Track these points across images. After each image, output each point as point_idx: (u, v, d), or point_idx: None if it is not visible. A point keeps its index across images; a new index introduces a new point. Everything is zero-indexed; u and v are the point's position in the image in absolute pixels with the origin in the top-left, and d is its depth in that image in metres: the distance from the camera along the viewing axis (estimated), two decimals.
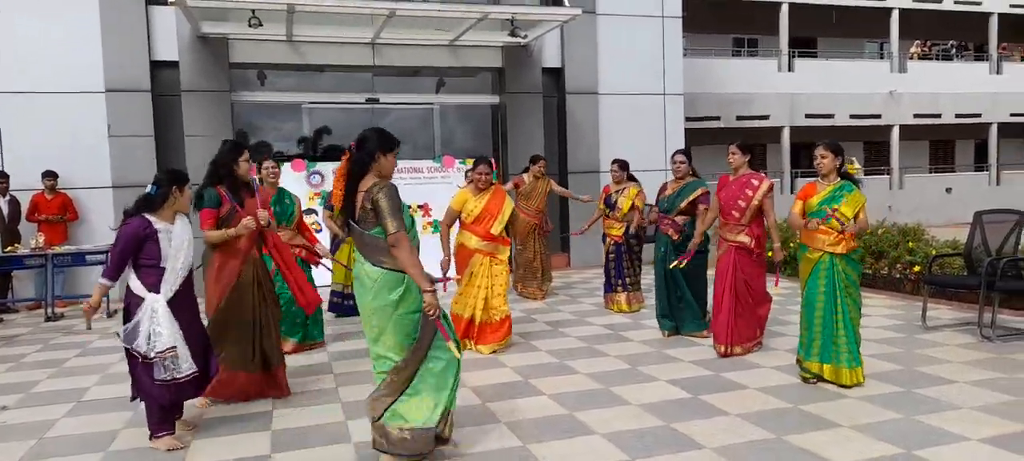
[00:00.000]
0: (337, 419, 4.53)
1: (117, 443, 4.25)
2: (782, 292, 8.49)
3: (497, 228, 6.12)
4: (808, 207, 4.96)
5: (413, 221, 3.77)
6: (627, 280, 7.88)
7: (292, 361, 5.97)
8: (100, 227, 9.91)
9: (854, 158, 22.10)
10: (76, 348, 6.92)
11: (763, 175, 5.81)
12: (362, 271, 3.65)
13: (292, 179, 10.20)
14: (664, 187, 6.77)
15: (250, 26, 9.25)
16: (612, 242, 7.88)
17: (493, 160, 11.19)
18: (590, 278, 10.53)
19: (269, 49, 10.55)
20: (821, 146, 4.97)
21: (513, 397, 4.88)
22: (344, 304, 8.03)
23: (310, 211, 10.03)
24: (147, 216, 4.00)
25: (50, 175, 9.47)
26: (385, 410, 3.64)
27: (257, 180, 5.71)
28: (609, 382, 5.16)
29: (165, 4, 9.75)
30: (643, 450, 3.86)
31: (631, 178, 8.06)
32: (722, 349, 5.74)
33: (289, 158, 10.89)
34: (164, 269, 3.99)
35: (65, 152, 9.76)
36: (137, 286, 3.97)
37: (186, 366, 4.01)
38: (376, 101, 11.55)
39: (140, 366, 4.00)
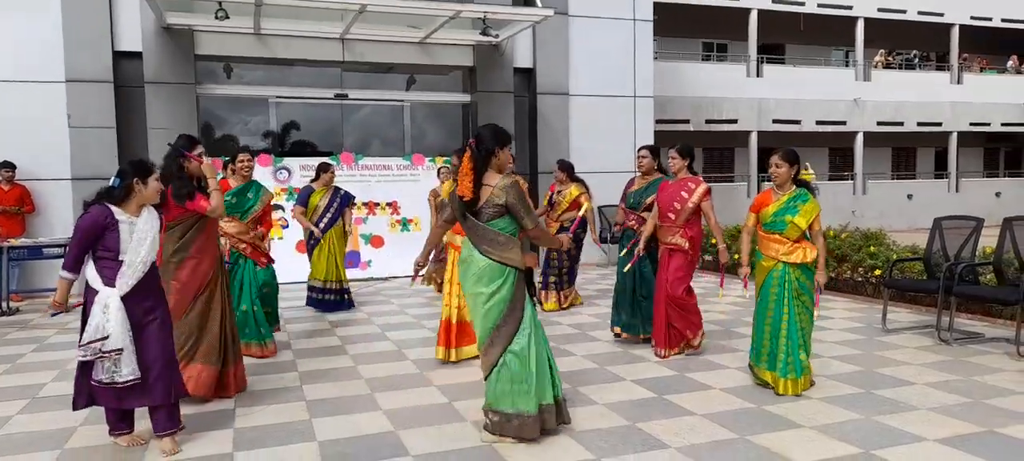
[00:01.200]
0: (301, 417, 4.47)
1: (73, 441, 4.14)
2: (747, 295, 8.61)
3: None
4: (763, 217, 4.92)
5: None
6: (550, 279, 8.00)
7: (248, 359, 5.90)
8: (59, 220, 9.69)
9: (808, 163, 22.47)
10: (32, 343, 6.74)
11: (700, 179, 5.82)
12: (470, 257, 3.94)
13: (258, 174, 10.02)
14: (631, 183, 6.73)
15: (217, 18, 9.10)
16: None
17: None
18: None
19: (236, 42, 10.40)
20: (776, 155, 4.87)
21: (481, 397, 4.86)
22: (323, 299, 8.00)
23: (277, 207, 9.90)
24: (109, 205, 3.84)
25: (7, 166, 9.22)
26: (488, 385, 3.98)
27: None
28: (576, 382, 5.17)
29: None
30: (608, 449, 3.87)
31: (575, 179, 8.10)
32: (661, 353, 5.76)
33: (255, 153, 10.70)
34: (122, 262, 3.82)
35: (23, 143, 9.51)
36: (93, 278, 3.78)
37: (127, 371, 3.74)
38: (345, 97, 11.45)
39: (80, 364, 3.81)
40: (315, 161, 10.23)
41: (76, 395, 3.90)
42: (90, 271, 3.79)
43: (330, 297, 8.04)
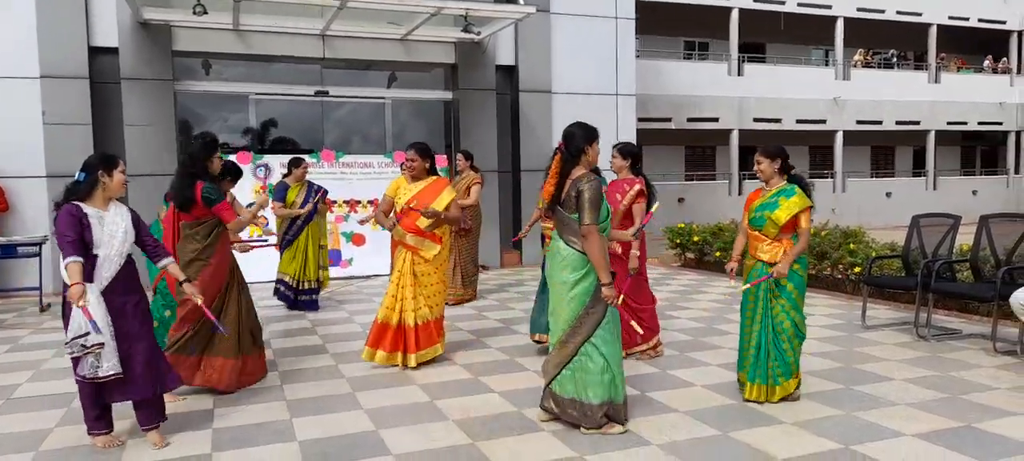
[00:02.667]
0: (281, 417, 4.43)
1: (49, 442, 4.06)
2: (736, 289, 8.67)
3: (424, 222, 5.37)
4: (749, 214, 4.72)
5: (608, 213, 4.11)
6: None
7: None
8: (33, 218, 9.54)
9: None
10: (6, 343, 6.63)
11: (637, 180, 5.48)
12: (557, 247, 4.09)
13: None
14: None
15: (195, 14, 8.98)
16: None
17: (444, 156, 11.18)
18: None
19: (215, 38, 10.27)
20: (758, 152, 4.67)
21: (462, 394, 4.84)
22: (297, 299, 7.91)
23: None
24: (77, 203, 3.78)
25: None
26: (553, 378, 4.11)
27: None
28: None
29: None
30: (591, 447, 3.86)
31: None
32: None
33: (235, 150, 10.63)
34: (96, 256, 3.75)
35: None
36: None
37: (107, 365, 3.71)
38: (326, 94, 11.36)
39: (71, 360, 3.78)
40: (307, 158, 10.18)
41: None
42: (64, 269, 3.71)
43: (305, 298, 7.95)
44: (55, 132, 9.54)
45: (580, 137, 4.10)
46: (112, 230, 3.81)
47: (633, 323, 4.98)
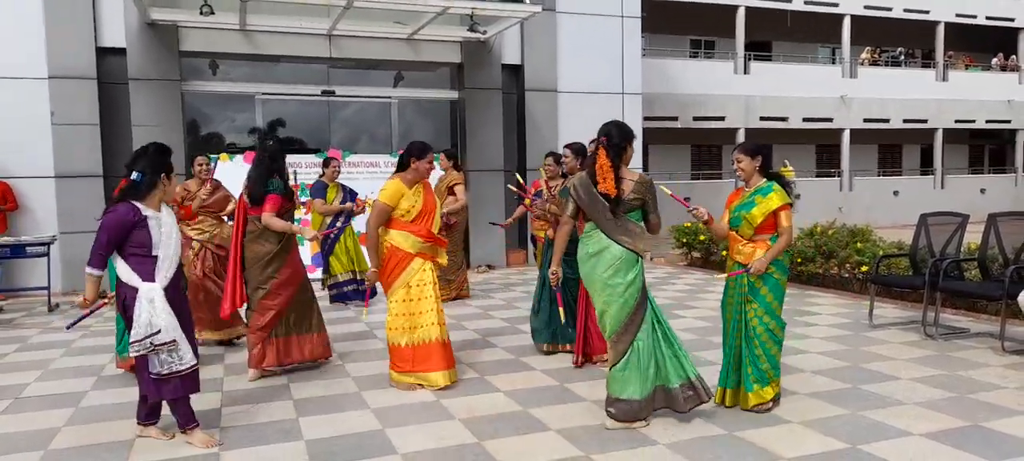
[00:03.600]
0: (289, 416, 4.44)
1: (57, 441, 4.09)
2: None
3: (437, 226, 5.12)
4: (730, 213, 4.53)
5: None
6: None
7: (238, 358, 5.85)
8: (41, 218, 9.58)
9: (787, 160, 22.58)
10: (15, 343, 6.67)
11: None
12: (605, 250, 4.07)
13: (245, 171, 9.99)
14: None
15: (202, 14, 9.02)
16: None
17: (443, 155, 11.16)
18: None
19: (222, 38, 10.31)
20: (737, 150, 4.48)
21: (468, 394, 4.85)
22: (344, 292, 8.23)
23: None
24: (135, 203, 3.80)
25: None
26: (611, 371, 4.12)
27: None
28: (563, 379, 5.17)
29: None
30: (598, 447, 3.86)
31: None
32: (576, 359, 5.48)
33: (242, 150, 10.66)
34: (156, 257, 3.78)
35: (5, 140, 9.40)
36: (128, 275, 3.75)
37: (189, 358, 3.87)
38: (332, 93, 11.38)
39: (138, 359, 3.84)
40: (302, 158, 10.21)
41: (145, 390, 3.94)
42: (122, 268, 3.77)
43: (349, 288, 8.25)
44: (63, 132, 9.59)
45: (618, 135, 4.16)
46: (168, 231, 3.86)
47: None
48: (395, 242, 4.88)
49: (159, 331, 3.72)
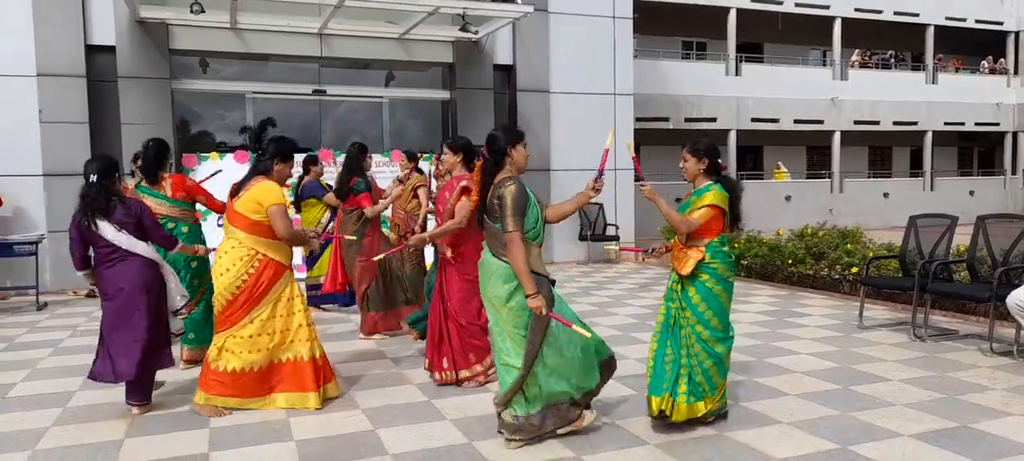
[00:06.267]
0: (279, 416, 4.42)
1: (45, 441, 4.05)
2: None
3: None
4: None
5: (537, 219, 3.85)
6: None
7: None
8: (30, 217, 9.50)
9: (780, 162, 22.68)
10: (1, 342, 6.61)
11: (465, 176, 5.02)
12: (486, 260, 3.89)
13: (236, 170, 9.94)
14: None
15: (192, 12, 8.98)
16: None
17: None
18: None
19: (212, 36, 10.26)
20: (685, 147, 4.19)
21: (459, 394, 4.83)
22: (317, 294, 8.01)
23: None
24: None
25: None
26: (505, 407, 3.84)
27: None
28: None
29: None
30: (589, 448, 3.86)
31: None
32: (435, 376, 5.04)
33: (232, 149, 10.62)
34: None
35: None
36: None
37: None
38: (323, 93, 11.35)
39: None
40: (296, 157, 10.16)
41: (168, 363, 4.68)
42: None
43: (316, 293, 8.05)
44: (52, 130, 9.51)
45: (502, 139, 3.85)
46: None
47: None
48: (271, 253, 4.41)
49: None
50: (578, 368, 3.87)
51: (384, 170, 10.87)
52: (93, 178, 4.35)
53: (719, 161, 4.17)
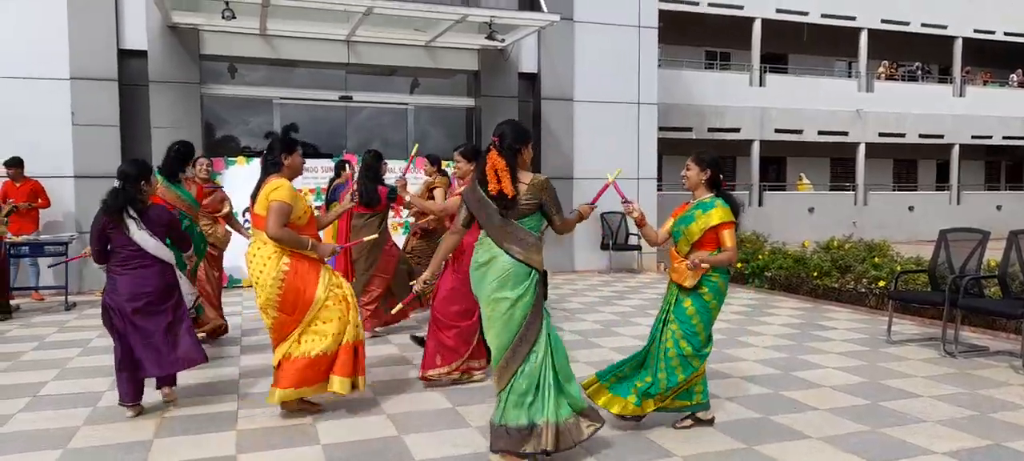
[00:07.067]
0: (304, 420, 4.44)
1: (76, 440, 4.11)
2: (749, 302, 8.60)
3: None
4: (673, 228, 4.29)
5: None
6: None
7: (253, 360, 5.88)
8: (61, 217, 9.66)
9: (802, 174, 22.48)
10: (32, 341, 6.72)
11: (447, 177, 5.29)
12: (494, 260, 3.69)
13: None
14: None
15: (223, 18, 9.10)
16: None
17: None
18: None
19: (241, 42, 10.39)
20: (690, 158, 4.24)
21: (484, 402, 4.84)
22: None
23: None
24: None
25: (15, 163, 9.07)
26: (498, 405, 3.72)
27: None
28: None
29: None
30: (616, 457, 3.84)
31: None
32: (420, 374, 5.24)
33: (258, 154, 10.71)
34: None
35: (26, 140, 9.45)
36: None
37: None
38: (350, 99, 11.44)
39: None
40: (318, 163, 10.26)
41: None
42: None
43: None
44: (84, 133, 9.68)
45: (512, 136, 3.78)
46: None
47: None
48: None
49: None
50: (568, 370, 3.78)
51: (408, 177, 10.92)
52: (123, 181, 4.47)
53: (722, 176, 4.20)
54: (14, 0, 9.47)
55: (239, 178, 9.78)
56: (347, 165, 8.17)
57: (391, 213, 7.30)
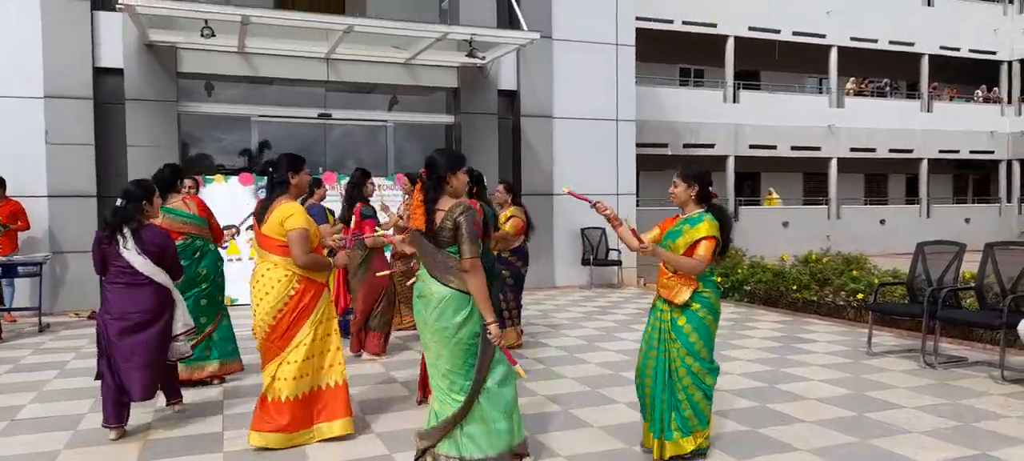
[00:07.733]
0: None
1: None
2: (731, 315, 8.68)
3: None
4: (660, 242, 4.14)
5: (481, 246, 3.66)
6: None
7: (237, 380, 5.79)
8: (34, 237, 9.46)
9: (772, 188, 22.81)
10: (7, 363, 6.56)
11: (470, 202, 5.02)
12: (427, 289, 3.65)
13: (241, 192, 9.97)
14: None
15: (202, 36, 9.02)
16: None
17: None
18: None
19: (219, 60, 10.30)
20: (677, 173, 4.12)
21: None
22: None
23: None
24: None
25: None
26: (429, 448, 3.71)
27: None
28: (567, 404, 5.15)
29: (111, 9, 9.45)
30: None
31: (516, 202, 7.27)
32: (419, 395, 5.17)
33: (236, 172, 10.62)
34: None
35: None
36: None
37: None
38: (328, 116, 11.39)
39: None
40: None
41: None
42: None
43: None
44: (58, 151, 9.51)
45: (443, 164, 3.66)
46: None
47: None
48: (309, 273, 4.31)
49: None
50: (514, 409, 3.74)
51: (388, 193, 10.89)
52: (126, 199, 4.42)
53: (710, 189, 4.06)
54: None
55: (217, 195, 9.66)
56: (321, 184, 7.98)
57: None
